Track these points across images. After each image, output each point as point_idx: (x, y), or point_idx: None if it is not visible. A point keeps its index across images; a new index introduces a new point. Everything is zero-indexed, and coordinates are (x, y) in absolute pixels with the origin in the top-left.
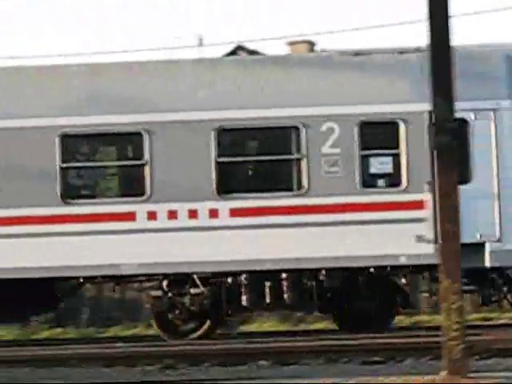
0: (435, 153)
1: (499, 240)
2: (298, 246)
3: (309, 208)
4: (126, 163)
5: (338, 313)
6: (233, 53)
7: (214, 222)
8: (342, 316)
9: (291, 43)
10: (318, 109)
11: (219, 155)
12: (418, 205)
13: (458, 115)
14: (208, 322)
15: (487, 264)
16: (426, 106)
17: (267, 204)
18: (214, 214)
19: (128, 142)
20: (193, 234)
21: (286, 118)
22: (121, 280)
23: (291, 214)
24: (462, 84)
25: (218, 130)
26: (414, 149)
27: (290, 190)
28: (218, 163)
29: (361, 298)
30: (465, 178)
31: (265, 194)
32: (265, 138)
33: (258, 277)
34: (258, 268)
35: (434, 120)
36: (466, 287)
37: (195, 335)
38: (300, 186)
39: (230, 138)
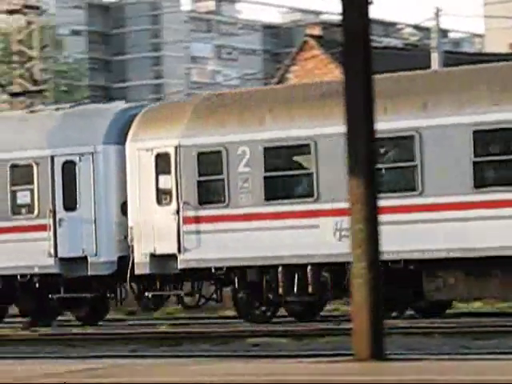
0: None
1: (96, 254)
2: None
3: None
4: None
5: None
6: None
7: None
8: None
9: None
10: None
11: None
12: (45, 227)
13: (69, 158)
14: None
15: (89, 273)
16: (51, 152)
17: None
18: None
19: None
20: None
21: None
22: None
23: None
24: (72, 134)
25: None
26: (45, 185)
27: None
28: None
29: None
30: (73, 207)
31: None
32: None
33: None
34: None
35: None
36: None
37: None
38: None
39: None
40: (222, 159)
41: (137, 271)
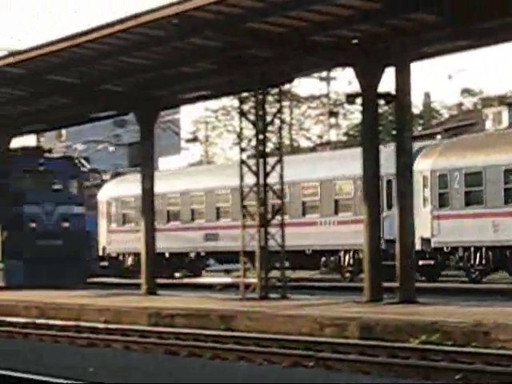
0: None
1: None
2: None
3: None
4: None
5: None
6: None
7: None
8: None
9: None
10: None
11: None
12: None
13: (388, 178)
14: None
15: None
16: (382, 174)
17: None
18: None
19: None
20: None
21: None
22: None
23: None
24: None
25: None
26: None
27: None
28: None
29: None
30: (390, 207)
31: None
32: None
33: None
34: None
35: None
36: None
37: None
38: None
39: None
40: (446, 180)
41: (416, 247)
